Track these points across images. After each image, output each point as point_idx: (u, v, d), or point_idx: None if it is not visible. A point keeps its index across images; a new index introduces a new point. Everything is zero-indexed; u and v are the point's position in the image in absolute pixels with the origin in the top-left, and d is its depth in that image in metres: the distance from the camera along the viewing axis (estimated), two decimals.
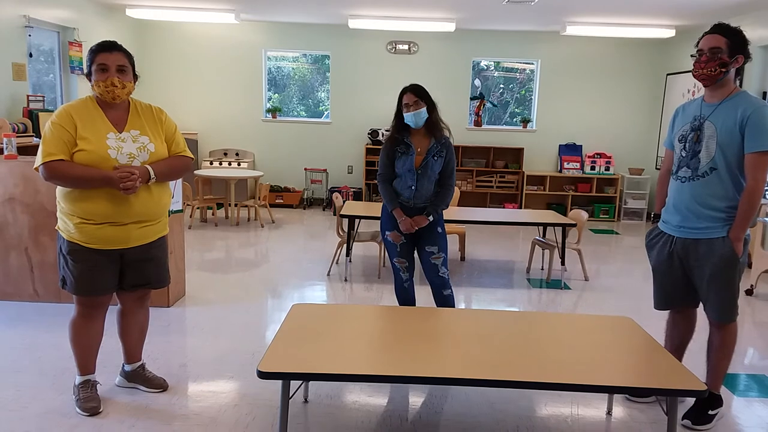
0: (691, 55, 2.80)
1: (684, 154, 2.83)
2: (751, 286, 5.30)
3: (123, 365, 3.12)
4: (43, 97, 6.42)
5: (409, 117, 3.54)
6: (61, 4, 6.90)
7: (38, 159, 2.57)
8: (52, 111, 2.74)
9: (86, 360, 2.89)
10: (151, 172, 2.69)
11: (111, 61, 2.63)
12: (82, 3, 7.34)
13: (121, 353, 3.11)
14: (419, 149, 3.59)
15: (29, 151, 5.09)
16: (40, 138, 2.65)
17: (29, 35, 6.26)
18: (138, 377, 3.10)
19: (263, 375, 2.28)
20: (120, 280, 2.83)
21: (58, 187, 2.68)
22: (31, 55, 6.35)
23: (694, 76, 2.76)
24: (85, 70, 2.71)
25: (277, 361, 2.38)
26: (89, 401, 2.85)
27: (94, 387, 2.92)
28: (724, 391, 3.23)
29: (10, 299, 4.34)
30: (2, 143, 4.27)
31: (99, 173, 2.58)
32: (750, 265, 5.47)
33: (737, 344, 2.94)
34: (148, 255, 2.83)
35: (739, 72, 2.77)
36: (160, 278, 2.95)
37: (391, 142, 3.63)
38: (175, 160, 2.85)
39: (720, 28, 2.70)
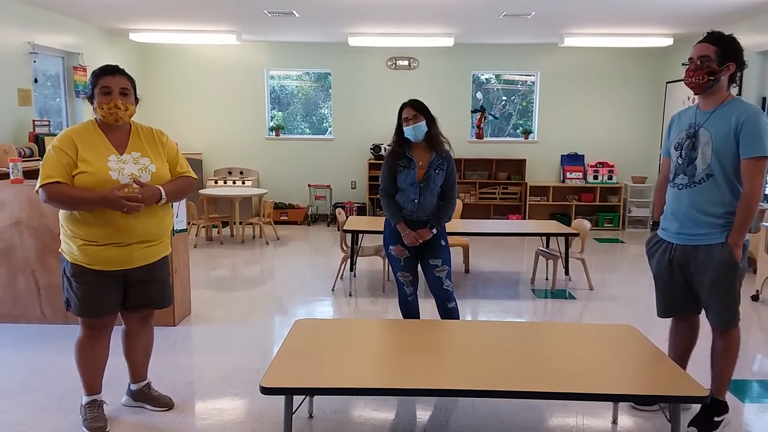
0: (683, 64, 2.83)
1: (680, 162, 2.85)
2: (757, 291, 5.27)
3: (129, 384, 3.14)
4: (49, 121, 6.51)
5: (408, 131, 3.58)
6: (65, 30, 7.02)
7: (38, 182, 2.62)
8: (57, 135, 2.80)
9: (92, 380, 2.91)
10: (163, 192, 2.74)
11: (114, 84, 2.68)
12: (86, 28, 7.47)
13: (127, 373, 3.13)
14: (421, 163, 3.62)
15: (35, 175, 5.13)
16: (42, 161, 2.70)
17: (34, 61, 6.37)
18: (144, 396, 3.12)
19: (266, 390, 2.29)
20: (123, 300, 2.85)
21: (61, 210, 2.72)
22: (36, 81, 6.45)
23: (685, 83, 2.79)
24: (88, 93, 2.76)
25: (279, 376, 2.40)
26: (96, 421, 2.87)
27: (101, 407, 2.94)
28: (731, 397, 3.22)
29: (17, 321, 4.38)
30: (8, 168, 4.33)
31: (95, 195, 2.60)
32: (755, 271, 5.45)
33: (745, 350, 2.94)
34: (151, 275, 2.86)
35: (734, 79, 2.79)
36: (163, 298, 2.98)
37: (392, 157, 3.67)
38: (180, 180, 2.90)
39: (711, 37, 2.74)
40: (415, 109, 3.58)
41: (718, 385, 2.93)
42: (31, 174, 5.12)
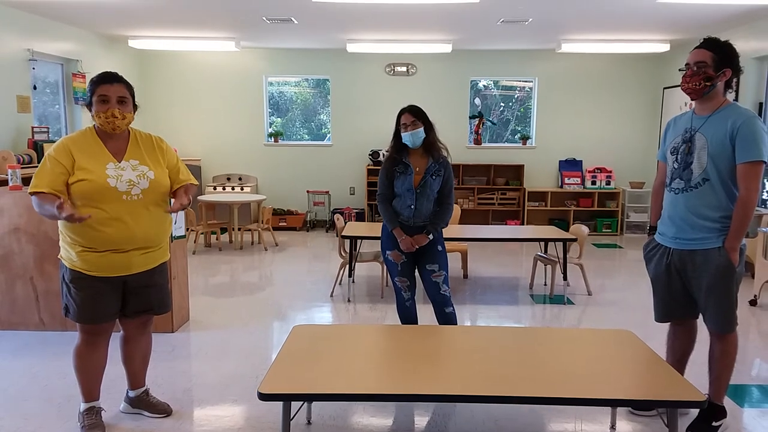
0: (679, 69, 2.85)
1: (676, 166, 2.86)
2: (755, 296, 5.28)
3: (127, 391, 3.14)
4: (48, 128, 6.52)
5: (406, 136, 3.59)
6: (65, 37, 7.04)
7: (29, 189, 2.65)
8: (56, 142, 2.82)
9: (90, 387, 2.91)
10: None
11: (112, 93, 2.69)
12: (85, 35, 7.49)
13: (125, 379, 3.13)
14: (417, 169, 3.63)
15: None
16: None
17: (33, 68, 6.39)
18: (142, 403, 3.12)
19: (264, 397, 2.29)
20: (122, 306, 2.86)
21: None
22: (35, 88, 6.47)
23: (682, 89, 2.81)
24: (87, 101, 2.77)
25: (277, 382, 2.40)
26: (94, 428, 2.87)
27: (99, 413, 2.94)
28: (729, 402, 3.22)
29: (16, 329, 4.37)
30: (7, 174, 4.34)
31: (50, 210, 2.52)
32: (753, 275, 5.45)
33: (743, 355, 2.94)
34: (149, 281, 2.87)
35: (730, 84, 2.81)
36: (162, 304, 2.98)
37: (389, 162, 3.69)
38: (190, 186, 2.96)
39: (707, 43, 2.76)
40: (414, 115, 3.59)
41: (715, 389, 2.93)
42: (29, 181, 5.14)
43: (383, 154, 8.64)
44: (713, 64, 2.72)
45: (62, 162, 2.64)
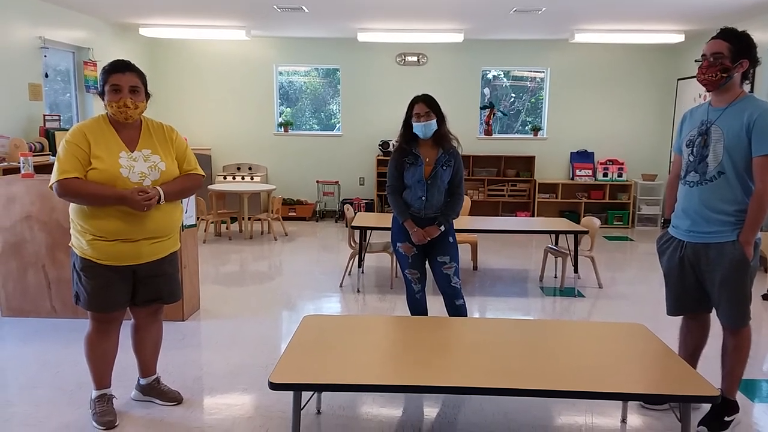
0: (696, 60, 2.80)
1: (692, 159, 2.83)
2: None
3: (138, 379, 3.16)
4: (59, 116, 6.54)
5: (418, 127, 3.55)
6: (76, 25, 7.05)
7: (53, 176, 2.63)
8: (68, 130, 2.81)
9: (102, 374, 2.93)
10: (162, 197, 2.73)
11: (124, 82, 2.68)
12: (97, 23, 7.49)
13: (136, 367, 3.15)
14: (428, 159, 3.60)
15: (46, 169, 5.19)
16: (56, 156, 2.70)
17: (45, 56, 6.40)
18: (153, 391, 3.14)
19: (274, 386, 2.30)
20: (133, 295, 2.87)
21: (72, 204, 2.74)
22: (47, 76, 6.48)
23: (698, 80, 2.77)
24: (99, 89, 2.76)
25: (288, 372, 2.40)
26: (105, 415, 2.89)
27: (110, 401, 2.96)
28: (741, 397, 3.19)
29: (28, 316, 4.41)
30: (19, 162, 4.36)
31: (113, 192, 2.63)
32: (767, 270, 5.40)
33: (755, 350, 2.92)
34: (159, 270, 2.87)
35: (747, 75, 2.76)
36: (172, 293, 2.99)
37: (399, 154, 3.65)
38: (185, 180, 2.89)
39: (724, 33, 2.71)
40: (428, 105, 3.54)
41: (728, 384, 2.91)
42: (41, 168, 5.16)
43: (393, 145, 8.60)
44: (730, 55, 2.67)
45: (81, 147, 2.64)
